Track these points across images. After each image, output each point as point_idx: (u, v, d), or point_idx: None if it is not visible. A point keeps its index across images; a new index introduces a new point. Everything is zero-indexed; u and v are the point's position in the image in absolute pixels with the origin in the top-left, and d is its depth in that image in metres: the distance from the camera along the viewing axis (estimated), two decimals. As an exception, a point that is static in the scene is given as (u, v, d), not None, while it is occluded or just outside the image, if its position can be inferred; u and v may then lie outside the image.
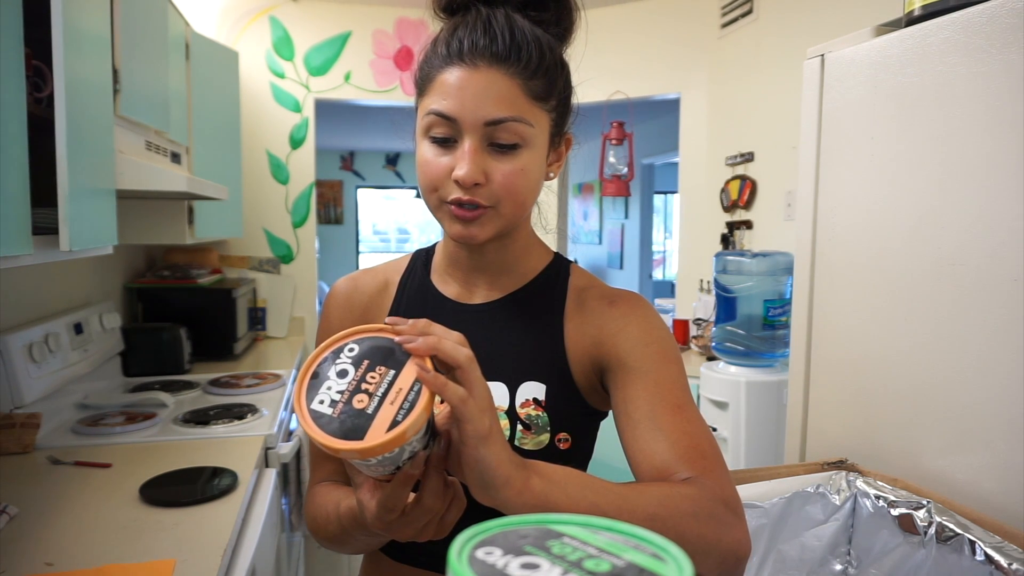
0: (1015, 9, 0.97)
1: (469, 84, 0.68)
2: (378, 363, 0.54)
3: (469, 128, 0.68)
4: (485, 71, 0.68)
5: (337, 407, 0.52)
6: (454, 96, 0.68)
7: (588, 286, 0.82)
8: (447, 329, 0.56)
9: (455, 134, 0.69)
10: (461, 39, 0.69)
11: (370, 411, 0.51)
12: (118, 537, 1.14)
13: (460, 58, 0.68)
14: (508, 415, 0.75)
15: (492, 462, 0.53)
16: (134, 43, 1.60)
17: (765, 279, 2.18)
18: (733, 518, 0.62)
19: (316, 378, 0.54)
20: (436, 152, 0.71)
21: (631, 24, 3.27)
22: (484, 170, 0.69)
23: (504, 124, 0.68)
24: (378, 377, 0.53)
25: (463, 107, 0.68)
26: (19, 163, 0.97)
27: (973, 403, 1.04)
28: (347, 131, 6.51)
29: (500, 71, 0.68)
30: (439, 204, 0.72)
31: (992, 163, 1.01)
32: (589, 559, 0.30)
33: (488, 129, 0.68)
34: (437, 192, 0.71)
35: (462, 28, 0.70)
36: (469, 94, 0.67)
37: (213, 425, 1.76)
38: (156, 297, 2.61)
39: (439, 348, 0.54)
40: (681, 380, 0.73)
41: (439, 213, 0.73)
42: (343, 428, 0.51)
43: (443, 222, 0.74)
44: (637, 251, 6.42)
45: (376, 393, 0.52)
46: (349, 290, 0.86)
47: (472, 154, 0.68)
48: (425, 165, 0.71)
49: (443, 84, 0.69)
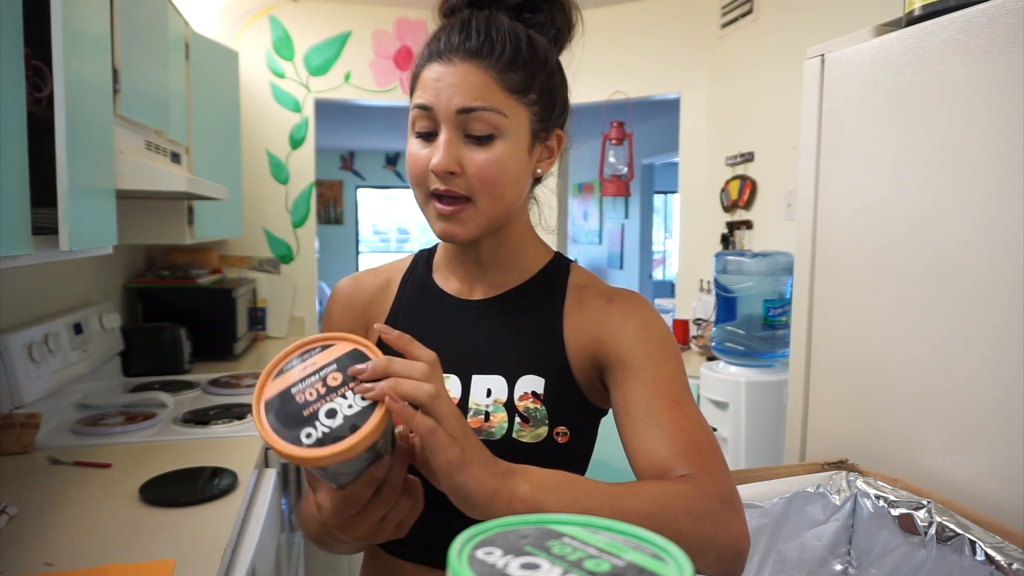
0: (1015, 9, 0.97)
1: (444, 77, 0.71)
2: (342, 373, 0.53)
3: (443, 118, 0.71)
4: (459, 64, 0.71)
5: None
6: (431, 89, 0.71)
7: (587, 284, 0.82)
8: (409, 363, 0.55)
9: (434, 127, 0.72)
10: (440, 38, 0.73)
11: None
12: (118, 537, 1.14)
13: (439, 55, 0.72)
14: (506, 408, 0.75)
15: (471, 486, 0.53)
16: (134, 43, 1.60)
17: (765, 279, 2.18)
18: (730, 513, 0.62)
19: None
20: (419, 146, 0.74)
21: (631, 24, 3.27)
22: (459, 159, 0.71)
23: (476, 113, 0.70)
24: (339, 386, 0.52)
25: (438, 98, 0.71)
26: (19, 163, 0.97)
27: (973, 403, 1.04)
28: (347, 131, 6.51)
29: (474, 64, 0.71)
30: (425, 200, 0.75)
31: (992, 163, 1.01)
32: (589, 559, 0.30)
33: (461, 118, 0.70)
34: (421, 186, 0.74)
35: (444, 29, 0.74)
36: (444, 85, 0.71)
37: (213, 425, 1.76)
38: (156, 297, 2.61)
39: (397, 391, 0.52)
40: (680, 377, 0.73)
41: (426, 211, 0.76)
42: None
43: (429, 220, 0.76)
44: (637, 251, 6.42)
45: (335, 404, 0.52)
46: (351, 289, 0.88)
47: (446, 143, 0.71)
48: (410, 158, 0.75)
49: (423, 80, 0.73)
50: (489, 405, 0.76)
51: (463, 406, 0.77)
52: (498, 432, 0.74)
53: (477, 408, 0.76)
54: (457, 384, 0.78)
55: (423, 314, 0.84)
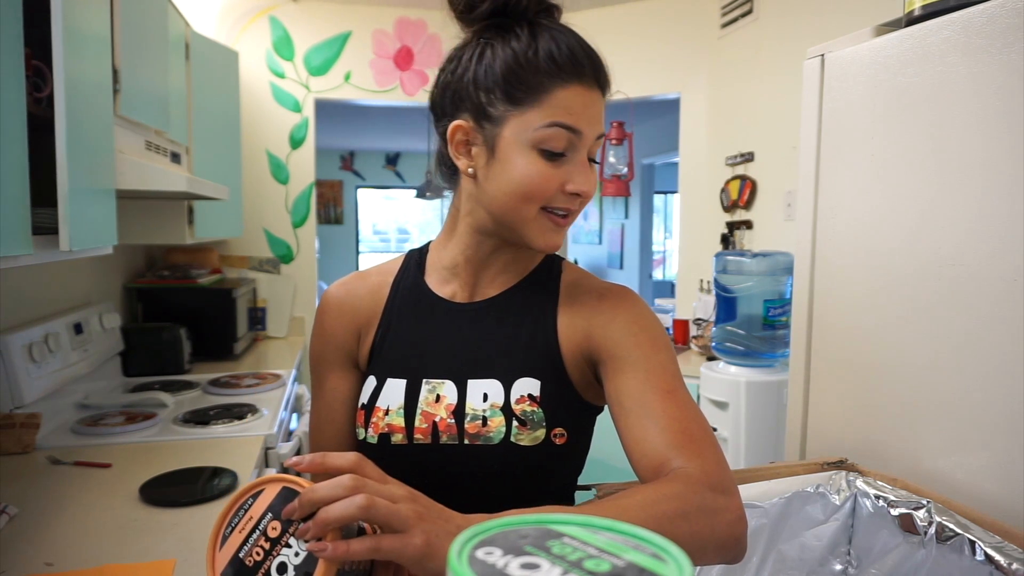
0: (1015, 9, 0.97)
1: (593, 104, 0.74)
2: (278, 519, 0.51)
3: (588, 144, 0.74)
4: (597, 93, 0.75)
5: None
6: (581, 115, 0.72)
7: (579, 281, 0.83)
8: (333, 483, 0.50)
9: (568, 148, 0.73)
10: (570, 56, 0.72)
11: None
12: (118, 537, 1.14)
13: (579, 77, 0.72)
14: (503, 412, 0.75)
15: (443, 563, 0.50)
16: (134, 43, 1.60)
17: (765, 279, 2.18)
18: (724, 500, 0.62)
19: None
20: (549, 164, 0.73)
21: (631, 24, 3.27)
22: None
23: (600, 139, 0.76)
24: (280, 535, 0.50)
25: (590, 125, 0.73)
26: (19, 163, 0.97)
27: (973, 403, 1.04)
28: (347, 131, 6.51)
29: (600, 93, 0.75)
30: (536, 214, 0.75)
31: (992, 163, 1.01)
32: (589, 559, 0.30)
33: (594, 144, 0.75)
34: (539, 202, 0.74)
35: (555, 43, 0.72)
36: (594, 113, 0.74)
37: (213, 425, 1.76)
38: (156, 297, 2.61)
39: (328, 520, 0.48)
40: (671, 367, 0.73)
41: (534, 223, 0.75)
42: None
43: (532, 231, 0.75)
44: (637, 251, 6.42)
45: (282, 557, 0.49)
46: (341, 296, 0.87)
47: (591, 168, 0.75)
48: (538, 176, 0.73)
49: (565, 100, 0.72)
50: (486, 410, 0.76)
51: (459, 411, 0.76)
52: (496, 436, 0.74)
53: (474, 413, 0.76)
54: (453, 389, 0.78)
55: (416, 318, 0.84)
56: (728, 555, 0.62)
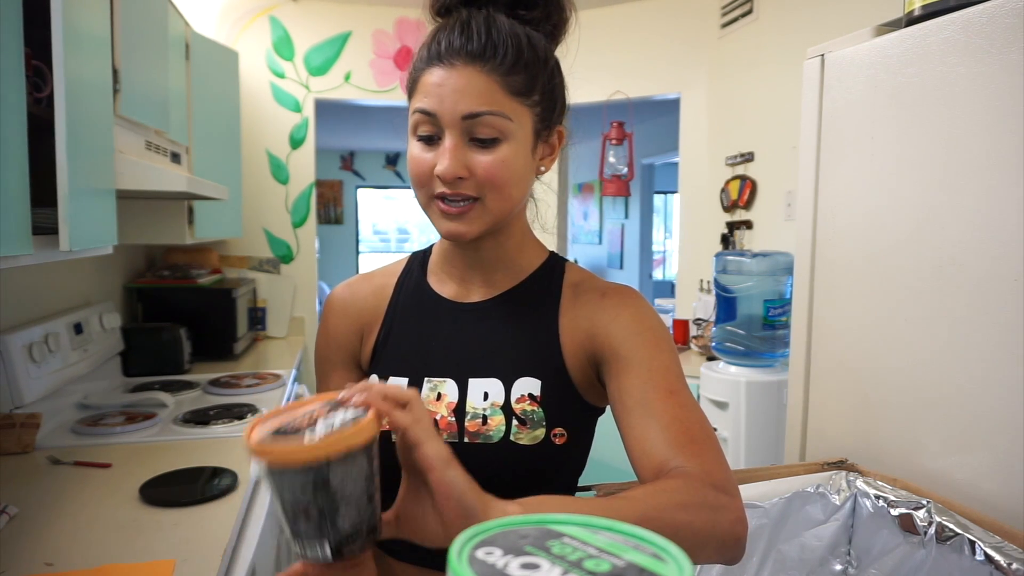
0: (1015, 9, 0.97)
1: (447, 82, 0.71)
2: (326, 409, 0.56)
3: (448, 124, 0.71)
4: (461, 69, 0.71)
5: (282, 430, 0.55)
6: (434, 94, 0.71)
7: (582, 281, 0.83)
8: (391, 384, 0.58)
9: (438, 131, 0.72)
10: (440, 41, 0.73)
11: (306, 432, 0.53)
12: (118, 537, 1.14)
13: (439, 59, 0.72)
14: (503, 411, 0.75)
15: (462, 484, 0.52)
16: (134, 43, 1.60)
17: (765, 279, 2.18)
18: (726, 499, 0.62)
19: (266, 423, 0.57)
20: (422, 149, 0.73)
21: (631, 24, 3.27)
22: (466, 164, 0.71)
23: (481, 118, 0.71)
24: (323, 415, 0.55)
25: (442, 104, 0.71)
26: (19, 163, 0.97)
27: (973, 403, 1.04)
28: (347, 131, 6.51)
29: (476, 68, 0.71)
30: (428, 201, 0.75)
31: (992, 163, 1.01)
32: (589, 559, 0.30)
33: (466, 124, 0.71)
34: (424, 188, 0.74)
35: (443, 31, 0.73)
36: (447, 91, 0.70)
37: (213, 425, 1.76)
38: (156, 297, 2.61)
39: (384, 394, 0.55)
40: (674, 368, 0.73)
41: (429, 211, 0.76)
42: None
43: (433, 220, 0.76)
44: (637, 251, 6.42)
45: (327, 419, 0.54)
46: (346, 297, 0.88)
47: (452, 149, 0.71)
48: (412, 162, 0.75)
49: (425, 84, 0.72)
50: (486, 408, 0.76)
51: (460, 410, 0.77)
52: (495, 435, 0.74)
53: (475, 412, 0.76)
54: (454, 388, 0.78)
55: (418, 318, 0.84)
56: (728, 555, 0.62)
